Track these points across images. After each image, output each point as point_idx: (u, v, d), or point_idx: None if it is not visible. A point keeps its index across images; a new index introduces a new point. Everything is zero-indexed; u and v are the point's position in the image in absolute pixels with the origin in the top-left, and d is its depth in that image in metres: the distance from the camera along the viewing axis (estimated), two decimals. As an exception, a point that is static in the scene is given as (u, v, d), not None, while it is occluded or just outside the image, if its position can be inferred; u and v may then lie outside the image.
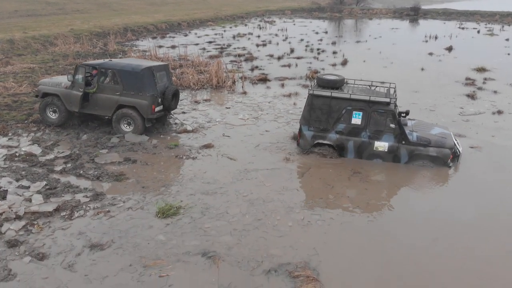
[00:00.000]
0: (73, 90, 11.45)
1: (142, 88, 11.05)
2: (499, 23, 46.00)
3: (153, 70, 11.36)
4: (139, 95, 11.07)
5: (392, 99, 9.75)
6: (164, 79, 11.92)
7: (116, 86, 11.26)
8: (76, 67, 11.57)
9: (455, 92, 16.85)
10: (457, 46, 28.76)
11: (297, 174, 9.62)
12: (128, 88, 11.12)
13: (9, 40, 25.02)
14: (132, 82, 11.08)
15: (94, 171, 9.38)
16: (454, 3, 78.98)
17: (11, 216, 7.44)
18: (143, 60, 13.15)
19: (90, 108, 11.58)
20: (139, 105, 11.10)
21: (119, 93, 11.21)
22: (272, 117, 13.56)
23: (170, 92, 11.66)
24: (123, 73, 11.12)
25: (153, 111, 11.23)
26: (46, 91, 11.84)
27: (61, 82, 11.76)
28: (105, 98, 11.33)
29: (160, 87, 11.53)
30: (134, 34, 33.26)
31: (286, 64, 22.63)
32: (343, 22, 49.03)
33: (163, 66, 12.15)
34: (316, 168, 9.83)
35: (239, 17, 50.85)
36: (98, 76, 11.41)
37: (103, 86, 11.38)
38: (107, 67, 11.37)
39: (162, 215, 7.67)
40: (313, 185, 9.11)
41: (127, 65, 11.27)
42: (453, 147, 9.85)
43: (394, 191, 9.07)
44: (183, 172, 9.56)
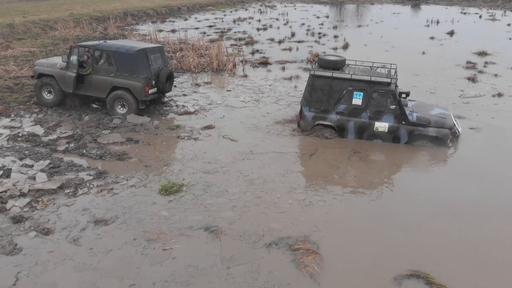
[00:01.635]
0: (68, 71, 11.49)
1: (136, 70, 11.07)
2: (501, 8, 45.53)
3: (147, 52, 11.37)
4: (133, 77, 11.10)
5: (393, 79, 9.78)
6: (159, 61, 11.92)
7: (110, 68, 11.27)
8: (71, 48, 11.59)
9: (456, 75, 16.84)
10: (458, 30, 28.57)
11: (301, 156, 9.66)
12: (122, 70, 11.15)
13: (9, 24, 24.92)
14: (126, 63, 11.09)
15: (97, 150, 9.48)
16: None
17: (16, 193, 7.56)
18: (138, 42, 13.13)
19: (84, 89, 11.61)
20: (133, 87, 11.13)
21: (113, 74, 11.24)
22: (273, 99, 13.60)
23: (164, 74, 11.68)
24: (117, 54, 11.12)
25: (146, 93, 11.26)
26: (42, 71, 11.88)
27: (57, 63, 11.78)
28: (100, 79, 11.36)
29: (154, 69, 11.55)
30: (134, 18, 33.06)
31: (287, 47, 22.55)
32: (344, 7, 48.58)
33: (157, 48, 12.14)
34: (321, 149, 9.87)
35: (240, 1, 50.42)
36: (92, 58, 11.41)
37: (98, 67, 11.39)
38: (101, 48, 11.36)
39: (165, 192, 7.79)
40: (318, 166, 9.13)
41: (121, 47, 11.26)
42: (453, 127, 9.92)
43: (395, 171, 9.15)
44: (185, 152, 9.65)
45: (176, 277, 5.76)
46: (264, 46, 23.16)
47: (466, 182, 8.59)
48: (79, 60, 11.43)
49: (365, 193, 8.06)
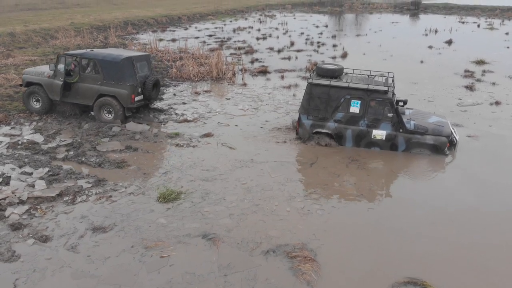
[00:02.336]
0: (55, 79, 11.62)
1: (122, 78, 11.24)
2: (499, 17, 45.92)
3: (133, 60, 11.55)
4: (119, 84, 11.26)
5: (390, 87, 9.86)
6: (145, 69, 12.10)
7: (97, 76, 11.43)
8: (58, 57, 11.73)
9: (453, 83, 16.95)
10: (457, 39, 28.80)
11: (302, 165, 9.67)
12: (109, 78, 11.31)
13: (10, 33, 25.10)
14: (112, 71, 11.26)
15: (96, 158, 9.52)
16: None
17: (15, 200, 7.59)
18: (124, 50, 13.30)
19: (71, 97, 11.75)
20: (119, 94, 11.29)
21: (99, 82, 11.39)
22: (272, 107, 13.68)
23: (150, 82, 11.86)
24: (103, 62, 11.29)
25: (132, 101, 11.43)
26: (30, 80, 12.03)
27: (44, 72, 11.93)
28: (86, 87, 11.51)
29: (140, 77, 11.72)
30: (134, 27, 33.30)
31: (286, 56, 22.71)
32: (343, 17, 48.97)
33: (144, 56, 12.34)
34: (322, 157, 9.89)
35: (240, 11, 50.82)
36: (79, 66, 11.55)
37: (85, 75, 11.55)
38: (88, 57, 11.54)
39: (163, 200, 7.82)
40: (318, 174, 9.15)
41: (107, 55, 11.44)
42: (450, 135, 9.97)
43: (393, 179, 9.21)
44: (183, 159, 9.69)
45: (174, 284, 5.77)
46: (263, 55, 23.32)
47: (463, 189, 8.62)
48: (66, 68, 11.59)
49: (364, 201, 8.09)
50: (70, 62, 11.71)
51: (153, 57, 20.97)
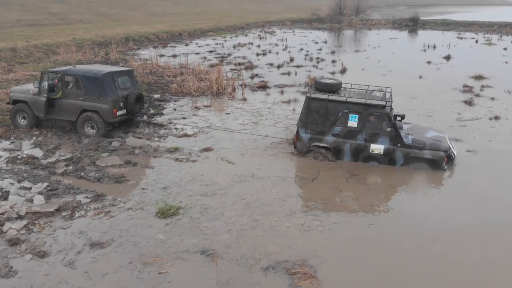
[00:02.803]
0: (40, 96, 11.77)
1: (104, 93, 11.40)
2: (497, 33, 46.43)
3: (114, 76, 11.74)
4: (101, 99, 11.41)
5: (388, 102, 9.92)
6: (128, 84, 12.28)
7: (79, 92, 11.59)
8: (42, 74, 11.91)
9: (452, 98, 17.04)
10: (455, 55, 29.06)
11: (303, 180, 9.64)
12: (90, 93, 11.46)
13: (12, 48, 25.35)
14: (93, 87, 11.43)
15: (95, 173, 9.51)
16: (453, 14, 79.74)
17: (13, 215, 7.56)
18: (106, 66, 13.52)
19: (55, 113, 11.89)
20: (101, 109, 11.43)
21: (82, 98, 11.54)
22: (272, 122, 13.73)
23: (133, 96, 12.01)
24: (85, 78, 11.48)
25: (114, 115, 11.55)
26: (16, 98, 12.20)
27: (30, 89, 12.11)
28: (69, 103, 11.65)
29: (122, 92, 11.87)
30: (135, 43, 33.66)
31: (285, 72, 22.89)
32: (342, 33, 49.51)
33: (126, 71, 12.57)
34: (323, 172, 9.85)
35: (240, 27, 51.41)
36: (62, 83, 11.70)
37: (68, 92, 11.70)
38: (70, 73, 11.71)
39: (161, 215, 7.78)
40: (320, 190, 9.10)
41: (89, 71, 11.64)
42: (448, 150, 9.98)
43: (393, 194, 9.18)
44: (183, 174, 9.68)
45: (171, 301, 5.71)
46: (263, 70, 23.51)
47: (463, 205, 8.59)
48: (49, 85, 11.74)
49: (364, 216, 8.04)
50: (54, 78, 11.90)
51: (153, 73, 21.21)
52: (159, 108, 15.06)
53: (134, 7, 66.47)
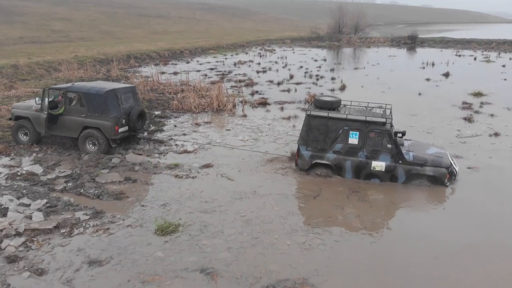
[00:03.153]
0: (42, 113, 11.83)
1: (106, 110, 11.44)
2: (496, 50, 46.88)
3: (117, 92, 11.80)
4: (103, 116, 11.44)
5: (388, 119, 9.94)
6: (130, 100, 12.34)
7: (81, 109, 11.64)
8: (44, 91, 11.99)
9: (452, 115, 17.09)
10: (454, 72, 29.27)
11: (305, 197, 9.56)
12: (93, 110, 11.51)
13: (14, 65, 25.57)
14: (96, 104, 11.48)
15: (95, 190, 9.48)
16: (451, 32, 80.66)
17: (11, 232, 7.50)
18: (109, 83, 13.60)
19: (57, 130, 11.93)
20: (103, 126, 11.45)
21: (84, 115, 11.57)
22: (272, 138, 13.75)
23: (135, 113, 12.06)
24: (87, 95, 11.53)
25: (116, 132, 11.57)
26: (18, 114, 12.25)
27: (32, 105, 12.17)
28: (72, 120, 11.70)
29: (125, 109, 11.92)
30: (137, 61, 33.96)
31: (285, 89, 23.03)
32: (341, 51, 49.99)
33: (129, 88, 12.66)
34: (325, 189, 9.80)
35: (240, 45, 51.92)
36: (65, 99, 11.77)
37: (70, 108, 11.75)
38: (73, 90, 11.77)
39: (161, 233, 7.72)
40: (322, 207, 9.02)
41: (91, 88, 11.71)
42: (450, 167, 9.96)
43: (395, 211, 9.13)
44: (182, 191, 9.63)
45: (170, 320, 5.61)
46: (263, 87, 23.65)
47: (465, 222, 8.52)
48: (52, 101, 11.82)
49: (367, 234, 7.94)
50: (57, 95, 11.99)
51: (154, 90, 21.33)
52: (159, 125, 15.10)
53: (136, 26, 67.30)
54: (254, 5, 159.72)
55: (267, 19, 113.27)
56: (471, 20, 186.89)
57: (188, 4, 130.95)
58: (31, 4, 69.60)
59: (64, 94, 11.81)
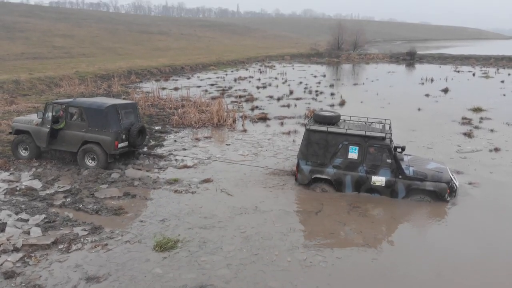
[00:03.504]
0: (43, 127, 11.87)
1: (106, 125, 11.48)
2: (494, 66, 47.22)
3: (118, 108, 11.86)
4: (103, 131, 11.48)
5: (387, 134, 9.95)
6: (131, 116, 12.41)
7: (82, 123, 11.69)
8: (46, 105, 12.04)
9: (452, 130, 17.11)
10: (453, 88, 29.42)
11: (307, 213, 9.48)
12: (93, 125, 11.55)
13: (15, 80, 25.74)
14: (97, 119, 11.53)
15: (94, 205, 9.42)
16: (449, 49, 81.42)
17: (9, 248, 7.44)
18: (110, 99, 13.64)
19: (57, 144, 11.95)
20: (102, 141, 11.48)
21: (84, 129, 11.61)
22: (272, 153, 13.74)
23: (135, 129, 12.09)
24: (89, 110, 11.59)
25: (116, 147, 11.57)
26: (19, 128, 12.29)
27: (33, 120, 12.21)
28: (72, 134, 11.73)
29: (125, 124, 11.97)
30: (138, 76, 34.20)
31: (285, 104, 23.14)
32: (340, 67, 50.38)
33: (130, 104, 12.74)
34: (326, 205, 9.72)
35: (241, 62, 52.35)
36: (66, 114, 11.82)
37: (71, 123, 11.80)
38: (75, 105, 11.84)
39: (159, 249, 7.64)
40: (324, 223, 8.93)
41: (93, 103, 11.78)
42: (450, 182, 9.92)
43: (396, 226, 9.05)
44: (181, 206, 9.57)
45: (168, 338, 5.50)
46: (263, 103, 23.76)
47: (467, 239, 8.43)
48: (54, 116, 11.87)
49: (368, 251, 7.84)
50: (59, 109, 12.04)
51: (155, 105, 21.42)
52: (159, 140, 15.11)
53: (138, 42, 68.01)
54: (254, 23, 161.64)
55: (266, 36, 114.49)
56: (468, 36, 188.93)
57: (189, 21, 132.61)
58: (33, 21, 70.50)
59: (65, 109, 11.86)
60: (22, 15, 77.06)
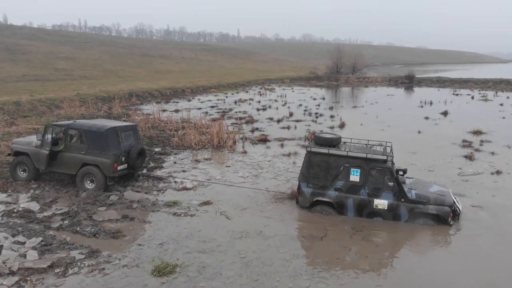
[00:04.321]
0: (42, 149, 11.81)
1: (106, 147, 11.41)
2: (493, 89, 47.61)
3: (118, 130, 11.81)
4: (103, 153, 11.40)
5: (389, 156, 9.89)
6: (131, 138, 12.35)
7: (81, 146, 11.63)
8: (46, 127, 12.02)
9: (452, 153, 17.06)
10: (452, 111, 29.55)
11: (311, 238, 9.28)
12: (93, 147, 11.48)
13: (16, 102, 25.85)
14: (96, 141, 11.46)
15: (91, 228, 9.27)
16: (447, 72, 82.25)
17: (5, 271, 7.28)
18: (110, 121, 13.58)
19: (56, 166, 11.84)
20: (102, 164, 11.38)
21: (84, 152, 11.53)
22: (272, 175, 13.64)
23: (135, 151, 12.02)
24: (88, 133, 11.54)
25: (115, 170, 11.48)
26: (18, 149, 12.22)
27: (32, 142, 12.16)
28: (71, 156, 11.64)
29: (125, 146, 11.90)
30: (138, 98, 34.38)
31: (285, 126, 23.17)
32: (339, 90, 50.75)
33: (130, 126, 12.69)
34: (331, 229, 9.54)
35: (241, 85, 52.77)
36: (65, 136, 11.77)
37: (70, 145, 11.73)
38: (74, 127, 11.80)
39: (157, 274, 7.46)
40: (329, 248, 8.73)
41: (92, 126, 11.72)
42: (453, 205, 9.79)
43: (399, 251, 8.88)
44: (180, 230, 9.41)
45: None
46: (263, 124, 23.80)
47: (471, 265, 8.27)
48: (53, 138, 11.83)
49: (374, 277, 7.64)
50: (59, 131, 12.01)
51: (155, 127, 21.44)
52: (159, 161, 15.03)
53: (139, 65, 68.76)
54: (254, 47, 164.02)
55: (266, 60, 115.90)
56: (466, 60, 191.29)
57: (190, 45, 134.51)
58: (35, 43, 71.45)
59: (65, 131, 11.83)
60: (24, 38, 78.24)
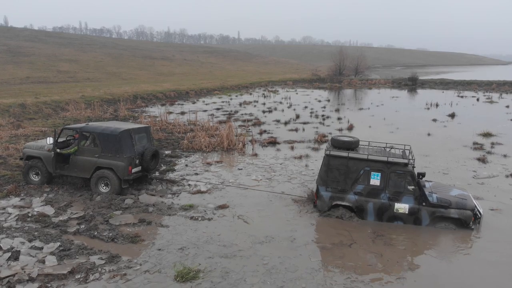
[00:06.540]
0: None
1: (120, 150, 11.26)
2: (497, 91, 47.51)
3: (131, 133, 11.66)
4: (117, 156, 11.25)
5: (410, 160, 9.75)
6: (144, 140, 12.21)
7: (95, 149, 11.47)
8: (62, 130, 11.97)
9: (465, 156, 16.92)
10: (459, 113, 29.43)
11: (338, 245, 9.17)
12: (107, 150, 11.33)
13: (21, 104, 25.70)
14: (110, 144, 11.31)
15: (109, 232, 9.12)
16: (449, 74, 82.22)
17: (24, 277, 7.11)
18: (123, 123, 13.43)
19: (69, 170, 11.70)
20: (116, 167, 11.23)
21: (97, 155, 11.39)
22: (286, 178, 13.49)
23: (149, 153, 11.86)
24: (102, 136, 11.38)
25: (129, 172, 11.33)
26: (30, 153, 12.08)
27: (44, 145, 12.00)
28: (84, 160, 11.49)
29: (138, 149, 11.75)
30: (143, 101, 34.25)
31: (293, 128, 23.04)
32: (343, 92, 50.62)
33: (143, 128, 12.51)
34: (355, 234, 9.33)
35: (244, 87, 52.65)
36: (79, 139, 11.65)
37: (83, 148, 11.58)
38: (87, 130, 11.65)
39: (181, 279, 7.31)
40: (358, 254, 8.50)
41: (106, 128, 11.55)
42: (474, 209, 9.65)
43: (424, 256, 8.72)
44: (199, 234, 9.26)
45: None
46: (271, 127, 23.67)
47: (496, 270, 8.11)
48: (64, 141, 11.75)
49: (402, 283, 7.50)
50: (72, 135, 11.86)
51: (163, 129, 21.30)
52: (170, 164, 14.89)
53: (142, 67, 68.71)
54: (255, 49, 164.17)
55: (268, 62, 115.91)
56: (467, 62, 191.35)
57: (191, 47, 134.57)
58: (37, 45, 71.44)
59: (78, 134, 11.68)
60: (26, 40, 78.23)
